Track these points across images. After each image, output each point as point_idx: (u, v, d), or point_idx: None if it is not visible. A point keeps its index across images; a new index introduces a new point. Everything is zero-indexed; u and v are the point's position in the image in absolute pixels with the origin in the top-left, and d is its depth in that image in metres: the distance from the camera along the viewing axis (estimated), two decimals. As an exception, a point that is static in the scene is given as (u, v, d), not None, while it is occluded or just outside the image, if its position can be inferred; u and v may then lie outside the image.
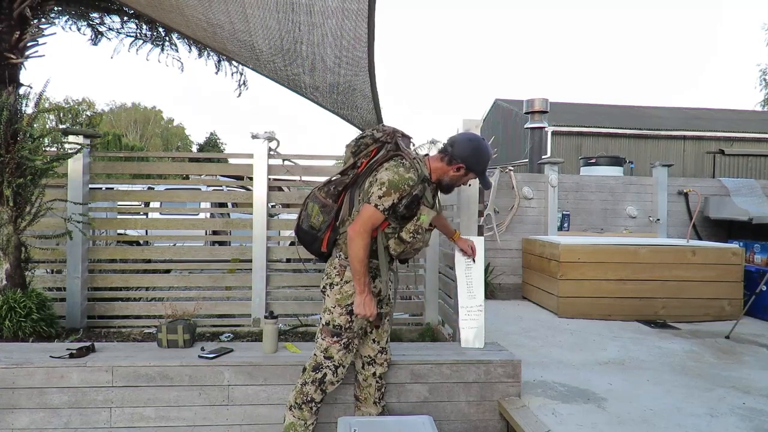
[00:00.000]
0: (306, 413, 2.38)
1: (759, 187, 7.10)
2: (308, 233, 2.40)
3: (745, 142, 14.05)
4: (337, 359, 2.37)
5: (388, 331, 2.63)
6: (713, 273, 5.31)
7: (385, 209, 2.18)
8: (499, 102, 17.43)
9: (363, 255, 2.19)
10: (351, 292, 2.33)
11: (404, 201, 2.20)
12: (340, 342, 2.35)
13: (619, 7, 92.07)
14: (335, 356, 2.36)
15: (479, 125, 3.37)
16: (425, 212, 2.27)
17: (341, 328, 2.34)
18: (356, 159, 2.38)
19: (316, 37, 2.97)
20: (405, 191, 2.18)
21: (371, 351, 2.56)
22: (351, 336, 2.37)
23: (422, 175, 2.24)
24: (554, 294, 5.45)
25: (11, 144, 3.17)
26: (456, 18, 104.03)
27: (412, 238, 2.28)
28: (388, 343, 2.64)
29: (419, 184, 2.21)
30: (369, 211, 2.19)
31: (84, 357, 2.80)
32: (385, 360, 2.61)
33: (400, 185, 2.17)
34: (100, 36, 4.99)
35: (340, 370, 2.39)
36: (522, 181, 6.68)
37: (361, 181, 2.34)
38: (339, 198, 2.39)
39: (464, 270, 3.17)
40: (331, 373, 2.37)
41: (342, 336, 2.35)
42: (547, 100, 9.45)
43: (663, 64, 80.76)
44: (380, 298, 2.49)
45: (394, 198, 2.17)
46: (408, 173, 2.20)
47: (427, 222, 2.27)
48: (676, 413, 2.77)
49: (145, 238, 5.13)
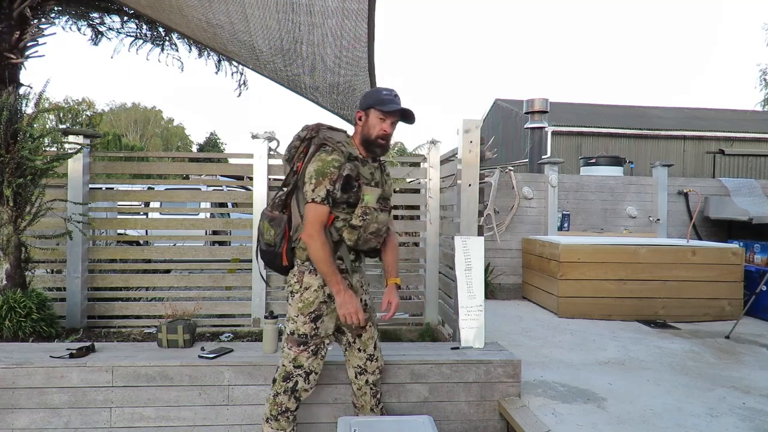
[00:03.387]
0: (284, 423, 2.32)
1: (759, 187, 7.10)
2: (267, 252, 2.36)
3: (745, 142, 14.05)
4: (307, 366, 2.29)
5: (374, 336, 2.52)
6: (713, 273, 5.31)
7: (323, 199, 2.16)
8: (499, 102, 17.43)
9: (324, 255, 2.16)
10: (312, 298, 2.27)
11: (337, 185, 2.17)
12: (307, 350, 2.28)
13: (619, 7, 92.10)
14: (305, 364, 2.29)
15: (479, 125, 3.37)
16: (368, 192, 2.23)
17: (307, 336, 2.27)
18: (292, 165, 2.37)
19: (316, 37, 2.98)
20: (333, 174, 2.16)
21: (359, 360, 2.47)
22: (318, 342, 2.30)
23: (347, 153, 2.21)
24: (554, 294, 5.45)
25: (11, 144, 3.17)
26: (456, 18, 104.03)
27: (362, 221, 2.22)
28: (377, 349, 2.53)
29: (346, 163, 2.18)
30: (311, 209, 2.17)
31: (84, 357, 2.80)
32: (376, 368, 2.52)
33: (325, 170, 2.16)
34: (100, 36, 4.99)
35: (311, 377, 2.32)
36: (522, 181, 6.68)
37: (301, 183, 2.29)
38: (286, 207, 2.34)
39: (464, 270, 3.17)
40: (303, 380, 2.30)
41: (309, 344, 2.28)
42: (547, 100, 9.45)
43: (663, 64, 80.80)
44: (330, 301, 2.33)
45: (326, 185, 2.15)
46: (330, 156, 2.18)
47: (372, 200, 2.23)
48: (676, 413, 2.77)
49: (145, 238, 5.13)
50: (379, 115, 2.24)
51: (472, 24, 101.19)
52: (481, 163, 3.37)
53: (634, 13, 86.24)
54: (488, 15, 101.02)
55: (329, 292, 2.28)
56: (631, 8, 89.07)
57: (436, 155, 4.00)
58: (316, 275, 2.27)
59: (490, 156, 3.53)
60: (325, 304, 2.29)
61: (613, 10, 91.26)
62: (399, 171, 4.19)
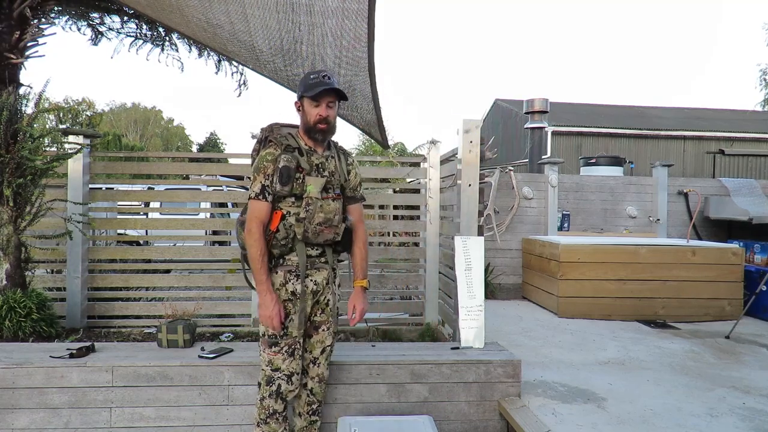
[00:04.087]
0: (273, 425, 2.30)
1: (759, 187, 7.10)
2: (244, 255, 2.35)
3: (745, 142, 14.05)
4: (286, 368, 2.26)
5: (325, 343, 2.40)
6: (713, 273, 5.31)
7: (258, 194, 2.17)
8: (499, 102, 17.43)
9: (254, 252, 2.15)
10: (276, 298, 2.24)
11: (274, 178, 2.16)
12: (281, 351, 2.24)
13: (619, 7, 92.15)
14: (282, 366, 2.25)
15: (479, 125, 3.37)
16: (310, 182, 2.21)
17: (277, 337, 2.24)
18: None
19: (316, 37, 2.98)
20: (266, 168, 2.17)
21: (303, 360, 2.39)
22: (291, 342, 2.26)
23: (285, 145, 2.20)
24: (554, 294, 5.45)
25: (11, 144, 3.17)
26: (456, 18, 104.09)
27: (306, 212, 2.19)
28: (323, 356, 2.41)
29: (282, 155, 2.17)
30: (249, 206, 2.20)
31: (84, 357, 2.80)
32: (317, 374, 2.41)
33: (259, 165, 2.19)
34: (100, 36, 4.99)
35: (294, 378, 2.28)
36: (522, 181, 6.68)
37: None
38: None
39: (464, 270, 3.17)
40: (285, 382, 2.26)
41: (280, 344, 2.24)
42: (547, 100, 9.46)
43: (663, 63, 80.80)
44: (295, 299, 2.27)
45: (260, 180, 2.17)
46: (266, 150, 2.21)
47: (314, 190, 2.20)
48: (676, 413, 2.77)
49: (145, 238, 5.13)
50: (311, 101, 2.22)
51: (472, 24, 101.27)
52: (481, 163, 3.37)
53: (634, 13, 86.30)
54: (488, 15, 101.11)
55: (293, 290, 2.26)
56: (631, 8, 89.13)
57: (436, 155, 4.01)
58: (277, 273, 2.26)
59: (490, 156, 3.53)
60: (290, 302, 2.27)
61: (613, 10, 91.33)
62: (399, 171, 4.19)
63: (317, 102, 2.22)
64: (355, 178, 2.44)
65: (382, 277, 4.17)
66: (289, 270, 2.28)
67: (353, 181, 2.44)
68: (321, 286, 2.35)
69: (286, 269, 2.28)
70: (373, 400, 2.84)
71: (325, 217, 2.23)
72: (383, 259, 4.60)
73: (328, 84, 2.20)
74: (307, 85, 2.22)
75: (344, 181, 2.38)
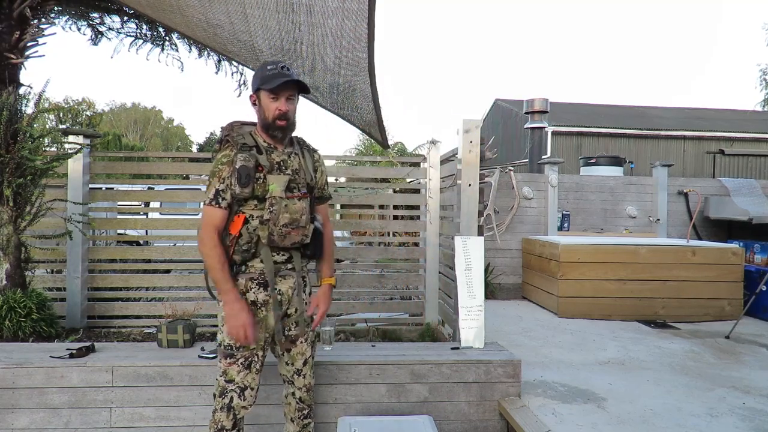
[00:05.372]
0: None
1: (759, 187, 7.10)
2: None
3: (745, 142, 14.05)
4: (240, 381, 2.07)
5: (305, 354, 2.25)
6: (713, 273, 5.31)
7: (211, 200, 2.02)
8: (499, 102, 17.43)
9: (212, 261, 1.99)
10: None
11: (232, 180, 1.99)
12: (236, 363, 2.07)
13: (619, 7, 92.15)
14: (236, 378, 2.07)
15: (479, 125, 3.37)
16: (272, 180, 2.02)
17: (233, 348, 2.07)
18: None
19: (316, 37, 2.98)
20: (222, 171, 2.01)
21: (286, 372, 2.26)
22: (248, 355, 2.08)
23: (240, 144, 2.03)
24: (554, 294, 5.45)
25: (11, 144, 3.17)
26: (456, 18, 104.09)
27: (270, 213, 2.01)
28: (307, 366, 2.27)
29: (239, 154, 1.99)
30: (203, 212, 2.05)
31: (84, 357, 2.80)
32: (304, 385, 2.28)
33: (215, 169, 2.03)
34: (100, 36, 4.98)
35: (247, 393, 2.09)
36: (522, 181, 6.68)
37: None
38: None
39: (464, 270, 3.17)
40: (237, 396, 2.07)
41: (236, 356, 2.07)
42: (547, 100, 9.46)
43: (663, 63, 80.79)
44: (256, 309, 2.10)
45: (215, 185, 2.01)
46: (221, 152, 2.05)
47: (278, 189, 2.02)
48: (676, 413, 2.78)
49: (145, 238, 5.13)
50: (269, 94, 2.03)
51: (473, 24, 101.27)
52: (481, 163, 3.37)
53: (634, 13, 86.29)
54: (488, 15, 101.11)
55: (253, 299, 2.09)
56: (631, 8, 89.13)
57: (436, 155, 4.01)
58: (238, 282, 2.09)
59: (490, 156, 3.53)
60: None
61: (613, 10, 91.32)
62: (399, 171, 4.19)
63: (275, 95, 2.02)
64: (323, 175, 2.28)
65: (382, 277, 4.17)
66: (251, 278, 2.10)
67: (321, 179, 2.26)
68: (287, 296, 2.15)
69: (248, 276, 2.10)
70: (373, 400, 2.84)
71: (291, 218, 2.04)
72: (383, 259, 4.61)
73: (288, 75, 2.01)
74: (264, 77, 2.03)
75: (310, 179, 2.18)
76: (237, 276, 2.09)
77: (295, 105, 2.11)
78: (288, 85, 2.02)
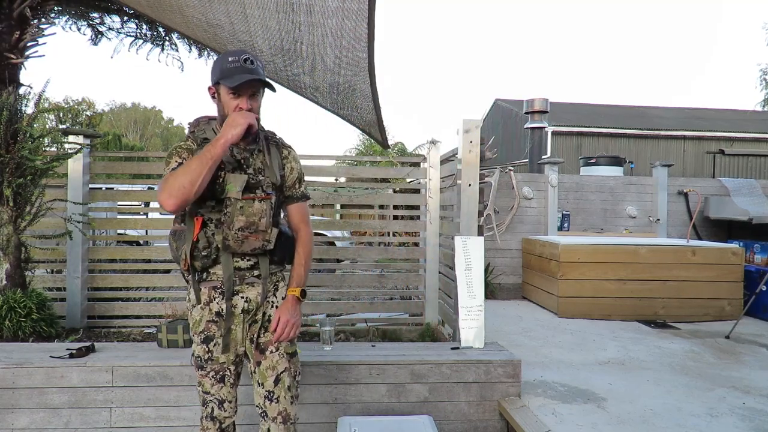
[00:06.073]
0: None
1: (759, 187, 7.10)
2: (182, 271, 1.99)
3: (745, 142, 14.05)
4: (215, 393, 1.94)
5: (278, 369, 1.93)
6: (713, 273, 5.31)
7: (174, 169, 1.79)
8: (499, 102, 17.43)
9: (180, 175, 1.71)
10: (198, 317, 1.92)
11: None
12: (207, 375, 1.93)
13: (619, 7, 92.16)
14: (211, 390, 1.94)
15: (479, 125, 3.37)
16: (230, 179, 1.83)
17: (202, 360, 1.92)
18: None
19: (316, 37, 2.97)
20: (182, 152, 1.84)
21: (259, 398, 1.96)
22: (217, 368, 1.92)
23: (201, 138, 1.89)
24: (554, 294, 5.45)
25: (11, 144, 3.17)
26: (456, 18, 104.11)
27: (225, 216, 1.82)
28: (281, 388, 1.93)
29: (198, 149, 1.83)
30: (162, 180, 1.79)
31: (84, 357, 2.80)
32: (279, 413, 1.92)
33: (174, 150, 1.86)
34: (100, 36, 4.98)
35: (226, 405, 1.96)
36: (522, 181, 6.68)
37: None
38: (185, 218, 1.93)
39: (464, 270, 3.17)
40: (217, 407, 1.95)
41: (206, 368, 1.92)
42: (547, 100, 9.46)
43: (663, 64, 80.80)
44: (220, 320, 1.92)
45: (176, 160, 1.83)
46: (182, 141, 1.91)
47: (234, 190, 1.81)
48: (676, 413, 2.78)
49: (145, 238, 5.12)
50: (229, 91, 1.81)
51: (473, 24, 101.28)
52: (481, 163, 3.37)
53: (634, 13, 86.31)
54: (488, 15, 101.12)
55: (217, 310, 1.91)
56: (631, 8, 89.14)
57: (436, 155, 4.01)
58: (201, 289, 1.92)
59: (490, 156, 3.53)
60: (214, 323, 1.91)
61: (613, 10, 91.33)
62: (399, 171, 4.19)
63: (237, 93, 1.81)
64: (292, 173, 2.01)
65: (382, 277, 4.17)
66: (213, 286, 1.91)
67: (290, 177, 2.01)
68: (254, 303, 1.94)
69: (211, 285, 1.92)
70: (373, 400, 2.84)
71: (247, 221, 1.82)
72: (383, 259, 4.61)
73: (251, 72, 1.81)
74: (224, 70, 1.81)
75: (275, 179, 1.93)
76: (200, 284, 1.93)
77: (259, 102, 1.90)
78: (251, 83, 1.82)
